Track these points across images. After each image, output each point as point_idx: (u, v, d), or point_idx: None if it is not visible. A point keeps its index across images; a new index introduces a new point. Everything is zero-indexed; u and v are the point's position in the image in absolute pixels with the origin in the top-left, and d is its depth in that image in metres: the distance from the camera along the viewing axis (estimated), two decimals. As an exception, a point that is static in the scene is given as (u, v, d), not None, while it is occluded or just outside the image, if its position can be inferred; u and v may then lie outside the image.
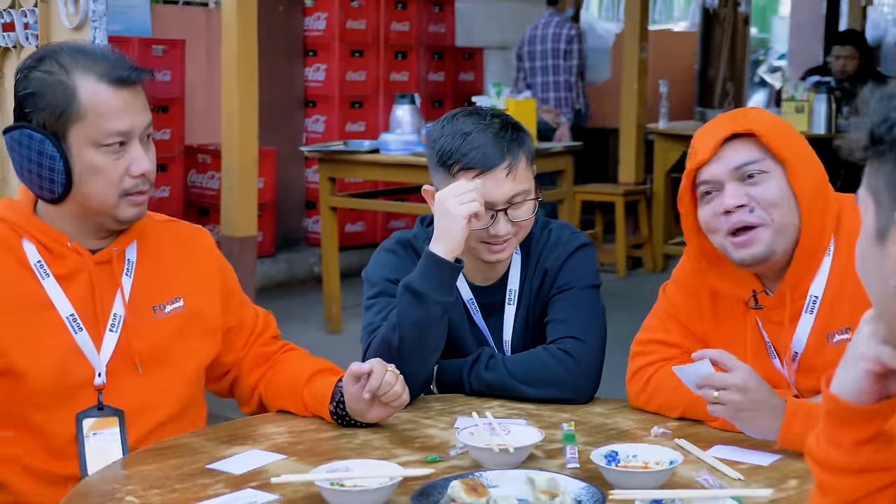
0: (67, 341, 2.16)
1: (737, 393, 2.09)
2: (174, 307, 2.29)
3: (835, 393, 1.33)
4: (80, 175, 2.13)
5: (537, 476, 1.91)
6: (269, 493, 1.96)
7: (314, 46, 8.18)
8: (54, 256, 2.18)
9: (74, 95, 2.11)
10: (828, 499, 1.36)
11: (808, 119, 7.79)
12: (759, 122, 2.23)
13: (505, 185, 2.47)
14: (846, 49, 8.84)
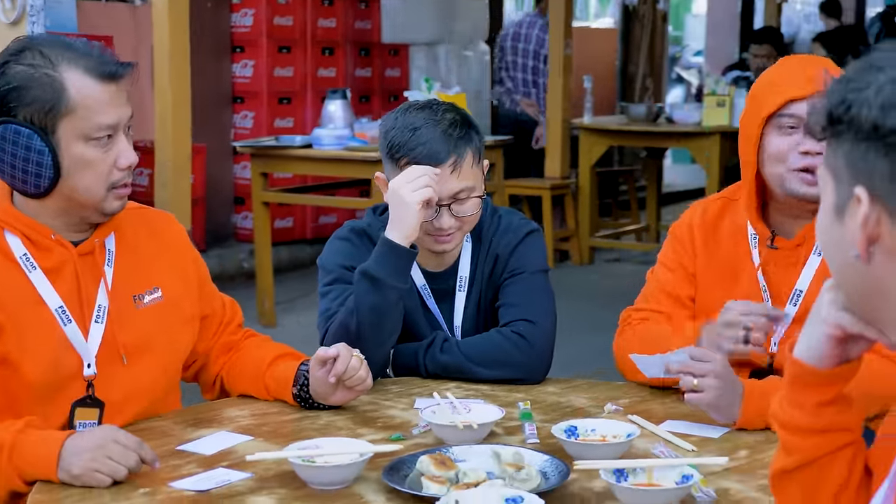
0: (58, 334, 2.18)
1: (716, 380, 2.20)
2: (153, 297, 2.31)
3: (798, 357, 1.42)
4: (68, 169, 2.13)
5: (503, 450, 1.98)
6: (242, 472, 2.01)
7: (242, 43, 8.19)
8: (39, 249, 2.18)
9: (63, 90, 2.10)
10: (791, 458, 1.45)
11: (729, 113, 7.97)
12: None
13: (450, 182, 2.53)
14: (763, 48, 9.06)
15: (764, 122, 2.44)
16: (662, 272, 2.66)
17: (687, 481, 1.86)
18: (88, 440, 1.97)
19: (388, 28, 9.07)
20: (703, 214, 2.63)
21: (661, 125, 8.34)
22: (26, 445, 2.00)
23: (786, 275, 2.49)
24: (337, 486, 1.94)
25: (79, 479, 1.94)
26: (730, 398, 2.23)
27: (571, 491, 1.91)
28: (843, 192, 1.29)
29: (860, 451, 1.45)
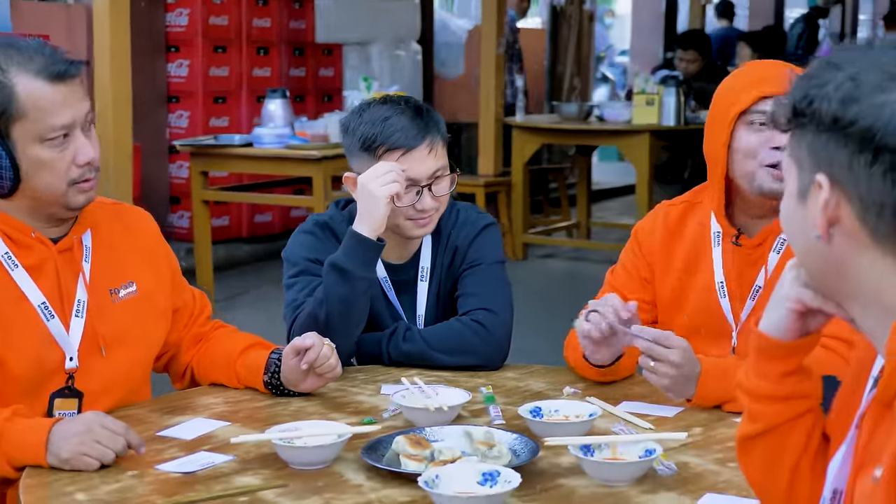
0: (41, 329, 2.23)
1: (671, 368, 2.30)
2: (128, 292, 2.38)
3: (763, 331, 1.54)
4: (27, 171, 2.17)
5: (474, 430, 2.08)
6: (224, 455, 2.10)
7: (176, 42, 8.20)
8: (21, 247, 2.23)
9: (13, 94, 2.13)
10: (756, 425, 1.57)
11: (658, 112, 8.14)
12: None
13: (427, 162, 2.64)
14: (689, 53, 9.26)
15: (735, 119, 2.53)
16: (621, 273, 2.75)
17: (650, 455, 1.98)
18: (76, 425, 2.04)
19: (322, 28, 9.13)
20: (665, 218, 2.72)
21: (592, 123, 8.49)
22: (14, 433, 2.06)
23: (746, 272, 2.59)
24: (318, 465, 2.03)
25: (68, 462, 2.01)
26: (683, 383, 2.34)
27: (541, 467, 2.02)
28: (806, 179, 1.41)
29: (819, 419, 1.57)
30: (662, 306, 2.71)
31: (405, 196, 2.61)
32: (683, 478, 1.99)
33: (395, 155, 2.62)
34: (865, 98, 1.33)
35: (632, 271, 2.73)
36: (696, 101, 8.62)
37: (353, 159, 2.69)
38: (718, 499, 1.89)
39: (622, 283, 2.73)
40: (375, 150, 2.63)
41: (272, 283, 7.73)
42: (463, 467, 1.91)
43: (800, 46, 14.24)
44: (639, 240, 2.75)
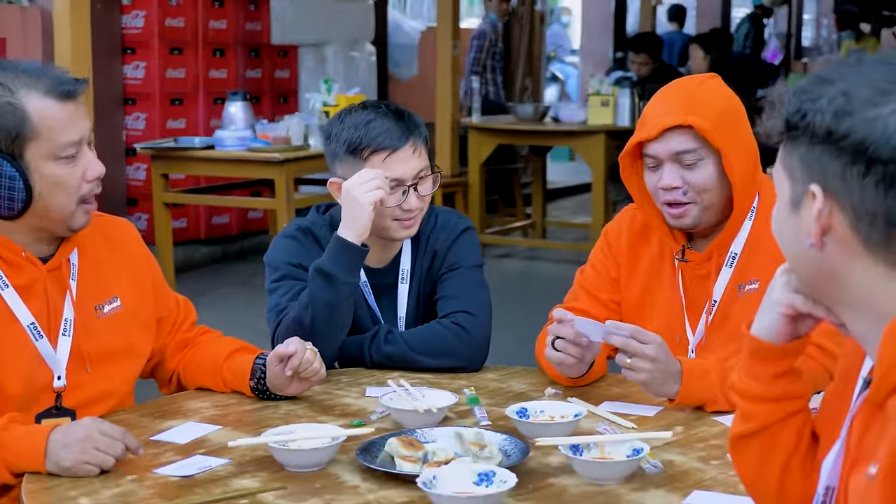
0: (30, 349, 2.26)
1: (648, 362, 2.36)
2: (112, 307, 2.40)
3: (755, 334, 1.60)
4: (41, 190, 2.20)
5: (465, 431, 2.13)
6: (220, 458, 2.13)
7: (133, 44, 8.19)
8: (11, 267, 2.25)
9: (25, 116, 2.17)
10: (749, 424, 1.64)
11: (613, 112, 8.24)
12: (702, 113, 2.49)
13: (412, 162, 2.70)
14: (640, 56, 9.36)
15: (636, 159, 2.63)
16: (590, 272, 2.80)
17: (638, 454, 2.04)
18: (75, 432, 2.06)
19: (278, 29, 9.14)
20: (631, 220, 2.76)
21: (547, 124, 8.57)
22: (11, 439, 2.09)
23: (699, 286, 2.64)
24: (313, 468, 2.08)
25: (69, 471, 2.04)
26: (661, 379, 2.40)
27: (531, 466, 2.07)
28: (799, 189, 1.47)
29: (808, 418, 1.64)
30: (628, 311, 2.75)
31: (391, 196, 2.66)
32: (670, 475, 2.05)
33: (381, 156, 2.67)
34: (858, 112, 1.40)
35: (601, 271, 2.78)
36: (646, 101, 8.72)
37: (338, 164, 2.73)
38: (706, 496, 1.95)
39: (592, 283, 2.78)
40: (361, 152, 2.68)
41: (231, 284, 7.75)
42: (458, 468, 1.96)
43: (746, 46, 14.44)
44: (608, 240, 2.80)
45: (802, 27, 21.12)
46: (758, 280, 2.57)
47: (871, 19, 17.20)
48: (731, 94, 2.58)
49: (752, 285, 2.58)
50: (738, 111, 2.57)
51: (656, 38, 9.64)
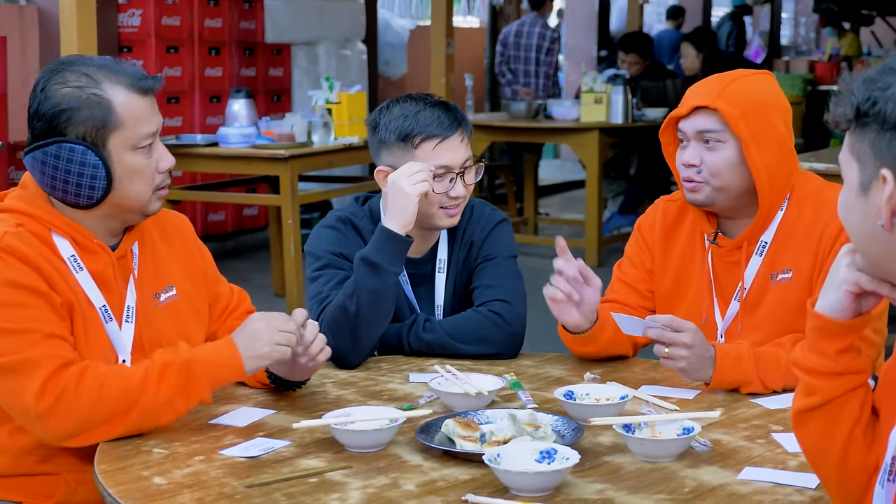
0: (103, 332, 2.32)
1: (684, 350, 2.46)
2: (168, 296, 2.47)
3: (820, 311, 1.68)
4: (120, 178, 2.28)
5: (518, 413, 2.20)
6: (281, 440, 2.20)
7: (129, 43, 8.22)
8: (85, 252, 2.31)
9: (111, 107, 2.25)
10: (813, 398, 1.72)
11: (606, 110, 8.32)
12: (729, 99, 2.59)
13: (460, 151, 2.78)
14: (630, 56, 9.45)
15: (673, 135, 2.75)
16: (627, 265, 2.89)
17: (689, 433, 2.11)
18: (255, 327, 2.29)
19: (272, 28, 9.19)
20: (664, 212, 2.85)
21: (541, 121, 8.65)
22: (204, 356, 2.26)
23: (729, 272, 2.72)
24: (374, 448, 2.14)
25: (268, 356, 2.28)
26: (698, 365, 2.49)
27: (584, 446, 2.14)
28: (868, 173, 1.55)
29: (869, 392, 1.72)
30: (661, 298, 2.84)
31: (440, 184, 2.75)
32: (720, 453, 2.12)
33: (431, 143, 2.75)
34: None
35: (637, 264, 2.87)
36: (640, 101, 8.82)
37: (385, 153, 2.80)
38: (758, 471, 2.03)
39: (629, 275, 2.87)
40: (412, 139, 2.75)
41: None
42: (520, 446, 2.03)
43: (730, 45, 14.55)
44: (642, 233, 2.88)
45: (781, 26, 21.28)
46: (791, 269, 2.65)
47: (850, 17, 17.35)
48: (772, 91, 2.67)
49: (784, 274, 2.66)
50: (773, 106, 2.64)
51: (646, 38, 9.73)
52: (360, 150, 6.54)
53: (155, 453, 2.14)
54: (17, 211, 2.29)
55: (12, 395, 2.18)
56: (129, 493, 1.94)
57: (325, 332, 2.68)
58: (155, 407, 2.19)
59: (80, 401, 2.15)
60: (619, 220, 8.94)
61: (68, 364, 2.17)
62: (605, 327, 2.68)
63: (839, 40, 15.85)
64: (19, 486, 2.31)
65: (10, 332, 2.16)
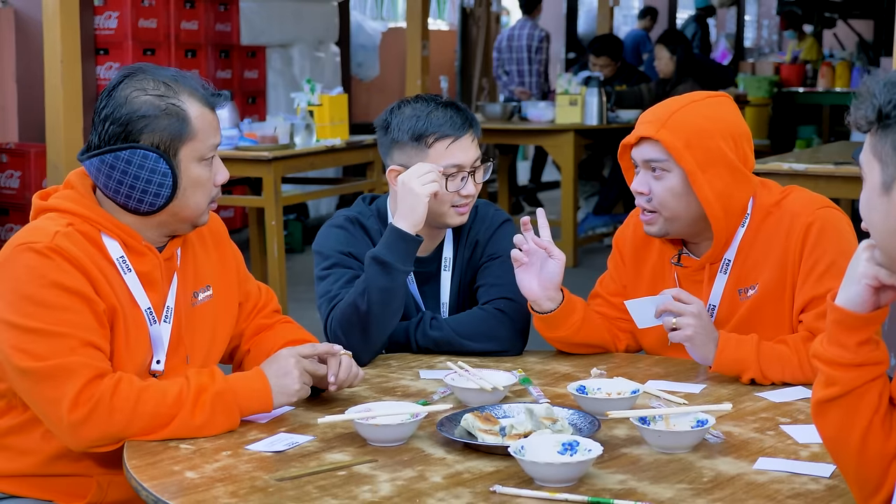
0: (145, 333, 2.36)
1: (693, 318, 2.54)
2: (205, 295, 2.50)
3: (840, 305, 1.75)
4: (184, 189, 2.32)
5: (535, 407, 2.25)
6: (304, 435, 2.25)
7: (106, 45, 8.22)
8: (134, 253, 2.35)
9: (186, 118, 2.29)
10: (832, 389, 1.78)
11: (581, 111, 8.40)
12: (674, 128, 2.62)
13: (472, 150, 2.85)
14: (601, 59, 9.52)
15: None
16: (607, 279, 2.95)
17: (703, 425, 2.18)
18: (286, 363, 2.35)
19: (247, 30, 9.21)
20: (635, 229, 2.89)
21: (515, 123, 8.72)
22: (236, 387, 2.29)
23: (697, 291, 2.74)
24: (397, 442, 2.19)
25: (297, 394, 2.35)
26: (704, 338, 2.56)
27: (600, 439, 2.20)
28: (890, 173, 1.63)
29: (887, 383, 1.79)
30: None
31: (452, 182, 2.81)
32: (732, 445, 2.19)
33: (445, 143, 2.81)
34: None
35: (615, 278, 2.93)
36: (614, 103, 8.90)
37: (397, 152, 2.86)
38: (772, 461, 2.09)
39: (608, 289, 2.94)
40: (426, 139, 2.81)
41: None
42: (542, 439, 2.08)
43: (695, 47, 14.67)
44: (619, 248, 2.94)
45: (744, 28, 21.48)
46: (757, 283, 2.70)
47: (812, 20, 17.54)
48: (722, 118, 2.67)
49: (752, 290, 2.71)
50: (722, 133, 2.64)
51: (616, 40, 9.81)
52: (341, 152, 6.58)
53: (182, 449, 2.18)
54: (68, 211, 2.31)
55: (46, 402, 2.20)
56: (165, 487, 1.98)
57: (336, 330, 2.75)
58: (188, 429, 2.23)
59: (113, 414, 2.18)
60: (594, 221, 9.02)
61: (102, 375, 2.20)
62: (571, 311, 2.75)
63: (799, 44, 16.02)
64: (51, 485, 2.35)
65: (48, 335, 2.19)
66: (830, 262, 2.60)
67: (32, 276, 2.21)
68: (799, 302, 2.64)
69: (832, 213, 2.67)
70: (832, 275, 2.58)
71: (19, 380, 2.22)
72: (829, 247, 2.62)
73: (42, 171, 7.32)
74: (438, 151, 2.81)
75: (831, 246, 2.61)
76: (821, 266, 2.61)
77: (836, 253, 2.60)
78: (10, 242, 2.28)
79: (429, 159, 2.80)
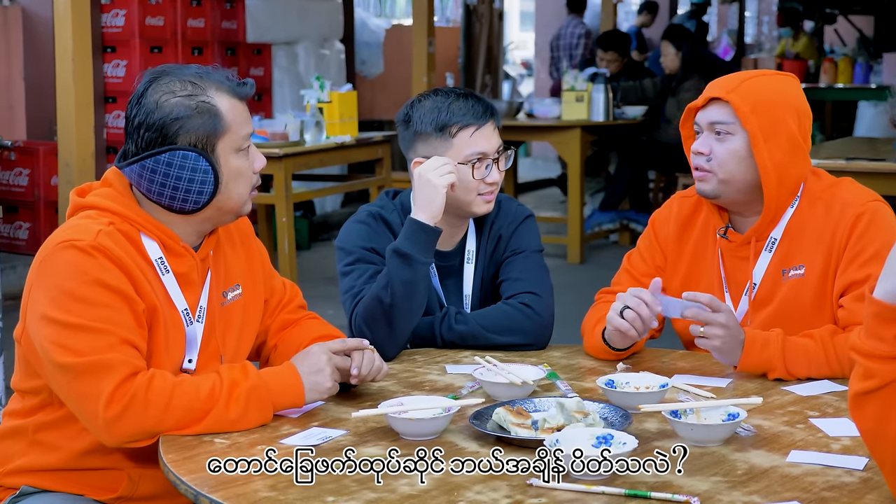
0: (182, 334, 2.37)
1: (720, 329, 2.54)
2: (234, 294, 2.51)
3: (879, 298, 1.76)
4: (226, 182, 2.33)
5: (566, 401, 2.27)
6: (336, 430, 2.26)
7: (113, 43, 8.23)
8: (172, 255, 2.36)
9: (218, 113, 2.31)
10: (871, 381, 1.79)
11: (588, 108, 8.42)
12: (743, 94, 2.67)
13: (494, 138, 2.88)
14: (608, 54, 9.53)
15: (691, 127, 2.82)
16: (636, 257, 2.96)
17: (734, 418, 2.19)
18: (318, 360, 2.36)
19: (252, 28, 9.22)
20: (679, 208, 2.92)
21: (521, 120, 8.73)
22: (271, 380, 2.30)
23: (739, 268, 2.79)
24: (430, 436, 2.21)
25: (329, 391, 2.36)
26: (731, 345, 2.57)
27: (632, 432, 2.21)
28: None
29: (924, 375, 1.80)
30: (673, 292, 2.90)
31: (478, 170, 2.84)
32: (763, 438, 2.20)
33: (468, 132, 2.83)
34: None
35: (647, 258, 2.94)
36: (620, 99, 8.92)
37: (420, 145, 2.88)
38: (805, 454, 2.10)
39: (638, 268, 2.94)
40: (449, 129, 2.84)
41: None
42: (576, 432, 2.09)
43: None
44: (655, 229, 2.95)
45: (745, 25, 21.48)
46: (804, 265, 2.72)
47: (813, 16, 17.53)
48: (790, 93, 2.73)
49: (797, 270, 2.73)
50: (788, 106, 2.70)
51: (623, 36, 9.82)
52: (351, 149, 6.59)
53: (217, 443, 2.19)
54: (107, 209, 2.32)
55: (83, 398, 2.21)
56: (204, 481, 1.99)
57: (361, 325, 2.76)
58: (223, 423, 2.24)
59: (148, 409, 2.19)
60: (600, 218, 9.03)
61: (137, 372, 2.21)
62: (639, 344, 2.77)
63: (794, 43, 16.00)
64: (82, 479, 2.36)
65: (89, 330, 2.20)
66: (875, 251, 2.63)
67: (75, 273, 2.22)
68: (839, 286, 2.66)
69: (882, 206, 2.71)
70: (874, 263, 2.60)
71: (57, 375, 2.23)
72: (876, 237, 2.64)
73: (50, 168, 7.34)
74: (462, 140, 2.83)
75: (878, 236, 2.64)
76: (865, 254, 2.64)
77: (882, 244, 2.63)
78: (51, 239, 2.29)
79: (453, 149, 2.83)
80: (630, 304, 2.61)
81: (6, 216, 7.54)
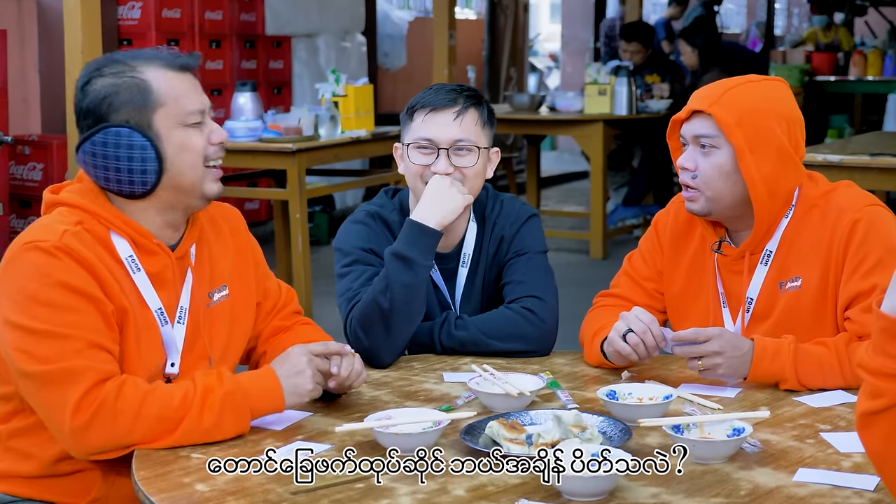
0: (157, 335, 2.27)
1: (717, 357, 2.43)
2: (221, 295, 2.41)
3: (887, 313, 1.64)
4: (171, 157, 2.23)
5: (563, 414, 2.15)
6: (321, 443, 2.15)
7: (129, 35, 8.15)
8: (143, 253, 2.27)
9: (148, 86, 2.22)
10: (879, 401, 1.67)
11: (611, 101, 8.28)
12: (726, 105, 2.54)
13: (451, 128, 2.74)
14: (632, 45, 9.37)
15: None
16: (637, 259, 2.85)
17: (739, 433, 2.07)
18: (298, 362, 2.26)
19: (272, 20, 9.13)
20: (676, 214, 2.79)
21: (543, 114, 8.61)
22: (245, 387, 2.20)
23: (736, 282, 2.67)
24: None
25: (310, 394, 2.26)
26: (736, 365, 2.45)
27: (631, 447, 2.10)
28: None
29: (937, 395, 1.68)
30: (671, 301, 2.80)
31: (423, 156, 2.74)
32: (770, 454, 2.08)
33: (421, 114, 2.75)
34: None
35: (648, 261, 2.82)
36: (643, 91, 8.77)
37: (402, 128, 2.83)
38: (813, 473, 1.98)
39: (639, 271, 2.83)
40: (411, 111, 2.78)
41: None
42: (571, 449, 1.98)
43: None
44: (657, 230, 2.83)
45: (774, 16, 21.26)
46: (800, 277, 2.60)
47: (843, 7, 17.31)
48: (778, 99, 2.59)
49: (793, 282, 2.61)
50: (775, 114, 2.57)
51: (647, 27, 9.66)
52: (366, 144, 6.48)
53: (193, 459, 2.09)
54: (77, 206, 2.24)
55: (49, 407, 2.13)
56: (174, 501, 1.90)
57: (357, 330, 2.66)
58: (197, 433, 2.14)
59: (117, 417, 2.10)
60: (624, 213, 8.90)
61: (107, 378, 2.12)
62: None
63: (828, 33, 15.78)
64: (56, 486, 2.28)
65: (54, 336, 2.11)
66: (878, 259, 2.51)
67: (38, 276, 2.13)
68: (843, 299, 2.54)
69: (879, 210, 2.57)
70: (878, 272, 2.48)
71: (24, 383, 2.14)
72: (876, 244, 2.52)
73: (65, 163, 7.27)
74: (416, 123, 2.77)
75: (878, 243, 2.52)
76: (867, 263, 2.51)
77: (883, 250, 2.51)
78: (16, 241, 2.21)
79: (409, 131, 2.77)
80: (635, 329, 2.49)
81: (19, 210, 7.48)
